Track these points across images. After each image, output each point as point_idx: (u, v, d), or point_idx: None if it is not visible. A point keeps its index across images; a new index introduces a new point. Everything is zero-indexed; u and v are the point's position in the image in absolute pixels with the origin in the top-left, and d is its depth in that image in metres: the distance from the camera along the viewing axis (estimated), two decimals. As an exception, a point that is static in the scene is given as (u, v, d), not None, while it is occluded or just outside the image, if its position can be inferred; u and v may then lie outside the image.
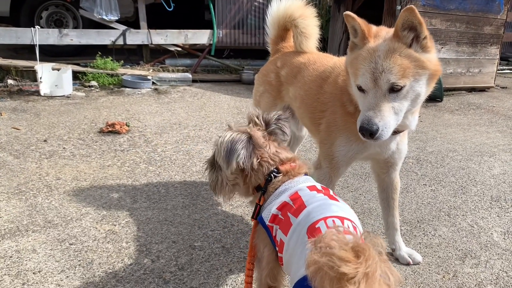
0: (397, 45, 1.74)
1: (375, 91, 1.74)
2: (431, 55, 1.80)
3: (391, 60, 1.71)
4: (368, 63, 1.75)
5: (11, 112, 4.65)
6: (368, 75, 1.74)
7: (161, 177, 3.30)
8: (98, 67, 6.41)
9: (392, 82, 1.71)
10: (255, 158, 1.65)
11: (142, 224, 2.62)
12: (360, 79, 1.78)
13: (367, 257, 0.94)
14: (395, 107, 1.75)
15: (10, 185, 3.00)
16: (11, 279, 2.06)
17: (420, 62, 1.75)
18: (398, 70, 1.70)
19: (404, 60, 1.72)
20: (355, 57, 1.84)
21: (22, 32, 6.14)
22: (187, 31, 7.24)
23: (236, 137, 1.64)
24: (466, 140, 4.61)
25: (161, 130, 4.39)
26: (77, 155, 3.60)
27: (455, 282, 2.22)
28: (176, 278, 2.14)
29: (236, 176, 1.71)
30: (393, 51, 1.73)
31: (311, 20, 2.74)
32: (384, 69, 1.71)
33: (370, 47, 1.78)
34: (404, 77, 1.71)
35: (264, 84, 2.83)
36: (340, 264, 0.92)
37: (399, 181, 2.40)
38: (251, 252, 1.63)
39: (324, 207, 1.37)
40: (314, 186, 1.55)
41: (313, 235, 1.27)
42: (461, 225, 2.81)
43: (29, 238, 2.41)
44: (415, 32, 1.75)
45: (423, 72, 1.76)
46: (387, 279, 0.97)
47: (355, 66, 1.82)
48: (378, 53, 1.74)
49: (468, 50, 6.96)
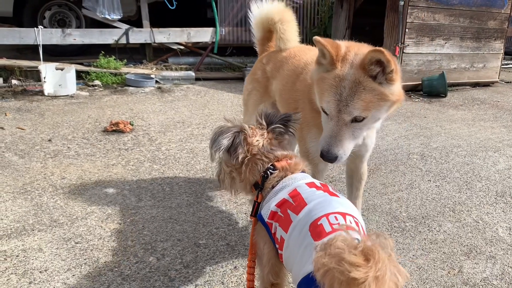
0: (363, 77, 1.75)
1: (338, 120, 1.80)
2: (395, 86, 1.82)
3: (355, 95, 1.75)
4: (333, 93, 1.78)
5: (15, 112, 4.67)
6: (333, 105, 1.78)
7: (166, 175, 3.31)
8: (101, 66, 6.43)
9: (355, 115, 1.77)
10: (243, 153, 1.66)
11: (147, 223, 2.63)
12: (325, 105, 1.82)
13: (377, 260, 0.94)
14: (355, 133, 1.85)
15: (16, 185, 3.01)
16: (18, 278, 2.08)
17: (383, 96, 1.78)
18: (361, 105, 1.75)
19: (368, 94, 1.75)
20: (321, 79, 1.85)
21: (25, 33, 6.16)
22: (190, 29, 7.24)
23: (224, 129, 1.67)
24: (471, 135, 4.59)
25: (165, 128, 4.40)
26: (82, 155, 3.61)
27: (460, 277, 2.22)
28: (182, 276, 2.15)
29: (231, 169, 1.75)
30: (358, 84, 1.75)
31: (290, 24, 2.74)
32: (348, 103, 1.75)
33: (336, 75, 1.79)
34: (366, 110, 1.77)
35: (252, 82, 2.88)
36: (351, 269, 0.93)
37: (366, 172, 2.45)
38: (252, 250, 1.64)
39: (325, 203, 1.37)
40: (313, 182, 1.55)
41: (315, 232, 1.27)
42: (466, 221, 2.80)
43: (35, 237, 2.42)
44: (382, 66, 1.75)
45: (384, 104, 1.81)
46: (395, 279, 0.98)
47: (321, 89, 1.84)
48: (344, 83, 1.76)
49: (472, 45, 6.93)
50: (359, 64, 1.77)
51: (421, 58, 6.51)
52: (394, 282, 0.97)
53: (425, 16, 6.31)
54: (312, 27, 7.90)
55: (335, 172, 3.50)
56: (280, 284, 1.59)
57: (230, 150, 1.69)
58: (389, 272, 0.96)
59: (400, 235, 2.60)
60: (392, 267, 0.98)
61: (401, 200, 3.06)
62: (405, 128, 4.77)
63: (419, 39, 6.38)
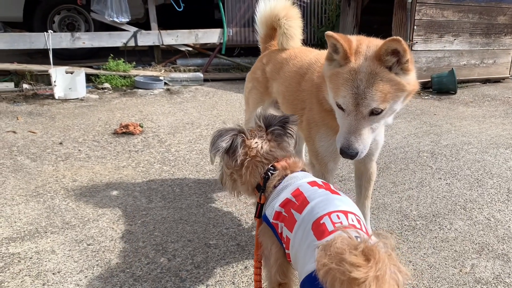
0: (379, 68, 1.74)
1: (356, 114, 1.77)
2: (411, 76, 1.81)
3: (373, 86, 1.72)
4: (350, 87, 1.75)
5: (27, 116, 4.73)
6: (350, 99, 1.75)
7: (175, 176, 3.33)
8: (110, 69, 6.48)
9: (373, 108, 1.74)
10: (242, 155, 1.68)
11: (158, 224, 2.65)
12: (341, 100, 1.79)
13: (377, 260, 0.95)
14: (374, 127, 1.82)
15: (28, 188, 3.05)
16: (32, 279, 2.11)
17: (400, 86, 1.76)
18: (380, 96, 1.73)
19: (386, 85, 1.73)
20: (335, 74, 1.83)
21: (35, 37, 6.23)
22: (198, 31, 7.27)
23: (223, 132, 1.70)
24: (481, 132, 4.55)
25: (174, 130, 4.43)
26: (93, 157, 3.65)
27: (472, 276, 2.20)
28: (193, 276, 2.16)
29: (232, 171, 1.77)
30: (375, 75, 1.73)
31: (295, 21, 2.77)
32: (367, 95, 1.72)
33: (351, 68, 1.76)
34: (384, 101, 1.74)
35: (252, 81, 2.91)
36: (351, 269, 0.94)
37: (375, 172, 2.42)
38: (257, 251, 1.65)
39: (327, 202, 1.38)
40: (315, 181, 1.56)
41: (318, 231, 1.28)
42: (477, 219, 2.78)
43: (48, 239, 2.45)
44: (398, 57, 1.74)
45: (402, 94, 1.80)
46: (396, 278, 0.99)
47: (336, 84, 1.81)
48: (360, 76, 1.73)
49: (482, 41, 6.86)
50: (374, 56, 1.75)
51: (430, 55, 6.46)
52: (395, 281, 0.99)
53: (433, 12, 6.26)
54: (319, 26, 7.89)
55: (344, 171, 3.50)
56: (288, 284, 1.60)
57: (229, 152, 1.71)
58: (390, 271, 0.97)
59: (411, 234, 2.59)
60: (393, 266, 0.99)
61: (412, 198, 3.05)
62: (415, 126, 4.74)
63: (428, 36, 6.33)
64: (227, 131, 1.71)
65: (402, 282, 1.00)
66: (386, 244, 1.02)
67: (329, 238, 1.20)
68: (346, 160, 3.64)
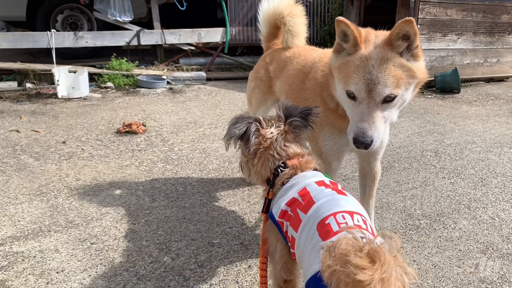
0: (390, 54, 1.72)
1: (369, 102, 1.73)
2: (420, 63, 1.80)
3: (386, 71, 1.70)
4: (362, 73, 1.72)
5: (30, 115, 4.74)
6: (363, 85, 1.72)
7: (179, 175, 3.33)
8: (113, 68, 6.48)
9: (386, 94, 1.71)
10: (255, 145, 1.68)
11: (161, 223, 2.65)
12: (353, 87, 1.74)
13: (383, 262, 0.94)
14: (386, 116, 1.77)
15: (32, 187, 3.06)
16: (36, 278, 2.11)
17: (412, 72, 1.75)
18: (392, 81, 1.70)
19: (398, 70, 1.71)
20: (344, 63, 1.80)
21: (39, 36, 6.24)
22: (200, 30, 7.27)
23: (239, 119, 1.70)
24: (485, 131, 4.53)
25: (177, 129, 4.42)
26: (96, 156, 3.65)
27: (477, 275, 2.19)
28: (196, 275, 2.16)
29: (247, 160, 1.77)
30: (387, 60, 1.71)
31: (300, 19, 2.77)
32: (380, 80, 1.69)
33: (362, 55, 1.74)
34: (397, 87, 1.72)
35: (255, 80, 2.90)
36: (356, 271, 0.93)
37: (379, 171, 2.41)
38: (263, 246, 1.64)
39: (333, 202, 1.37)
40: (323, 181, 1.54)
41: (323, 231, 1.27)
42: (481, 218, 2.77)
43: (51, 238, 2.45)
44: (408, 42, 1.73)
45: (413, 81, 1.78)
46: (402, 280, 0.98)
47: (346, 73, 1.78)
48: (372, 62, 1.71)
49: (486, 39, 6.83)
50: (385, 41, 1.74)
51: (434, 54, 6.44)
52: (400, 282, 0.97)
53: (437, 11, 6.24)
54: (322, 25, 7.87)
55: (348, 170, 3.49)
56: (293, 281, 1.60)
57: (244, 140, 1.71)
58: (395, 273, 0.96)
59: (415, 233, 2.58)
60: (398, 267, 0.98)
61: (415, 197, 3.04)
62: (418, 125, 4.73)
63: (431, 35, 6.31)
64: (243, 119, 1.70)
65: (408, 284, 0.99)
66: (392, 245, 1.01)
67: (334, 238, 1.19)
68: (349, 159, 3.64)
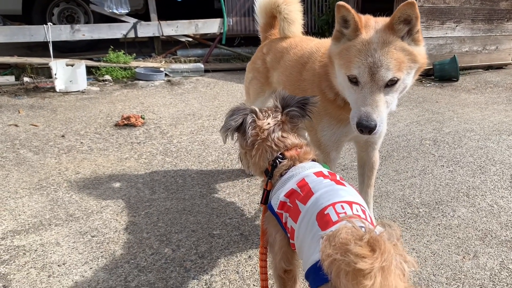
0: (392, 37, 1.71)
1: (371, 85, 1.72)
2: (421, 48, 1.79)
3: (388, 54, 1.69)
4: (364, 57, 1.71)
5: (28, 109, 4.73)
6: (365, 68, 1.70)
7: (178, 167, 3.33)
8: (111, 61, 6.46)
9: (390, 78, 1.70)
10: (252, 136, 1.68)
11: (161, 215, 2.66)
12: (356, 71, 1.73)
13: (383, 251, 0.94)
14: (388, 100, 1.76)
15: (32, 181, 3.06)
16: (37, 271, 2.12)
17: (413, 56, 1.74)
18: (395, 64, 1.69)
19: (400, 53, 1.71)
20: (345, 48, 1.79)
21: (35, 30, 6.21)
22: (197, 21, 7.23)
23: (235, 111, 1.70)
24: (484, 119, 4.53)
25: (176, 121, 4.42)
26: (95, 149, 3.65)
27: (475, 262, 2.21)
28: (197, 266, 2.17)
29: (245, 151, 1.78)
30: (388, 44, 1.70)
31: (295, 6, 2.77)
32: (382, 63, 1.68)
33: (363, 39, 1.73)
34: (399, 70, 1.71)
35: (252, 71, 2.90)
36: (356, 260, 0.93)
37: (378, 160, 2.41)
38: (263, 237, 1.65)
39: (332, 192, 1.37)
40: (321, 172, 1.54)
41: (322, 221, 1.28)
42: (480, 205, 2.78)
43: (52, 231, 2.47)
44: (410, 26, 1.72)
45: (414, 66, 1.77)
46: (402, 268, 0.99)
47: (347, 58, 1.77)
48: (373, 45, 1.71)
49: (484, 27, 6.80)
50: (386, 25, 1.73)
51: (432, 42, 6.42)
52: (400, 270, 0.98)
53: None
54: (320, 14, 7.83)
55: (346, 160, 3.49)
56: (293, 270, 1.61)
57: (241, 132, 1.71)
58: (395, 261, 0.96)
59: (414, 221, 2.60)
60: (398, 256, 0.98)
61: (414, 186, 3.05)
62: (417, 114, 4.72)
63: (430, 23, 6.28)
64: (239, 110, 1.70)
65: (408, 272, 0.99)
66: (392, 234, 1.01)
67: (334, 228, 1.20)
68: (348, 149, 3.64)
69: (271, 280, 1.89)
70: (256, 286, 2.05)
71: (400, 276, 0.98)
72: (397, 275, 0.96)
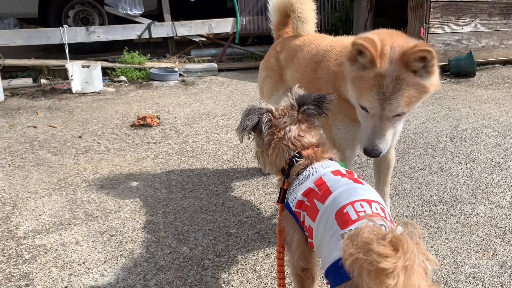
0: (405, 74, 1.71)
1: (380, 117, 1.77)
2: (435, 78, 1.79)
3: (399, 92, 1.71)
4: (376, 93, 1.73)
5: (46, 110, 4.80)
6: (376, 104, 1.74)
7: (194, 167, 3.36)
8: (126, 62, 6.52)
9: (398, 112, 1.75)
10: (269, 135, 1.68)
11: (178, 214, 2.68)
12: (367, 104, 1.78)
13: (406, 250, 0.94)
14: (395, 125, 1.84)
15: (51, 181, 3.11)
16: (58, 270, 2.16)
17: (425, 89, 1.76)
18: (405, 101, 1.73)
19: (412, 90, 1.72)
20: (359, 77, 1.79)
21: (51, 32, 6.29)
22: (211, 21, 7.25)
23: (251, 110, 1.70)
24: (502, 115, 4.47)
25: (191, 121, 4.45)
26: (112, 150, 3.70)
27: (495, 260, 2.18)
28: (215, 265, 2.19)
29: (262, 150, 1.78)
30: (401, 81, 1.70)
31: (308, 4, 2.77)
32: (393, 101, 1.72)
33: (377, 73, 1.72)
34: (409, 105, 1.75)
35: (266, 70, 2.91)
36: (379, 259, 0.93)
37: (394, 158, 2.41)
38: (280, 235, 1.66)
39: (350, 191, 1.37)
40: (338, 170, 1.54)
41: (341, 220, 1.27)
42: (499, 203, 2.74)
43: (72, 231, 2.51)
44: (425, 63, 1.71)
45: (425, 96, 1.81)
46: (424, 267, 0.99)
47: (360, 88, 1.79)
48: (387, 81, 1.70)
49: (501, 21, 6.69)
50: (401, 61, 1.71)
51: (447, 38, 6.34)
52: (423, 269, 0.98)
53: (450, -6, 6.13)
54: (333, 11, 7.79)
55: (362, 158, 3.48)
56: (311, 269, 1.61)
57: (257, 131, 1.71)
58: (418, 260, 0.96)
59: (432, 219, 2.58)
60: (421, 255, 0.98)
61: (431, 183, 3.02)
62: (433, 111, 4.68)
63: (445, 18, 6.21)
64: (255, 110, 1.70)
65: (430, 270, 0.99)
66: (414, 232, 1.01)
67: (353, 227, 1.20)
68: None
69: (288, 279, 1.89)
70: (274, 284, 2.06)
71: (423, 275, 0.97)
72: (420, 274, 0.96)
